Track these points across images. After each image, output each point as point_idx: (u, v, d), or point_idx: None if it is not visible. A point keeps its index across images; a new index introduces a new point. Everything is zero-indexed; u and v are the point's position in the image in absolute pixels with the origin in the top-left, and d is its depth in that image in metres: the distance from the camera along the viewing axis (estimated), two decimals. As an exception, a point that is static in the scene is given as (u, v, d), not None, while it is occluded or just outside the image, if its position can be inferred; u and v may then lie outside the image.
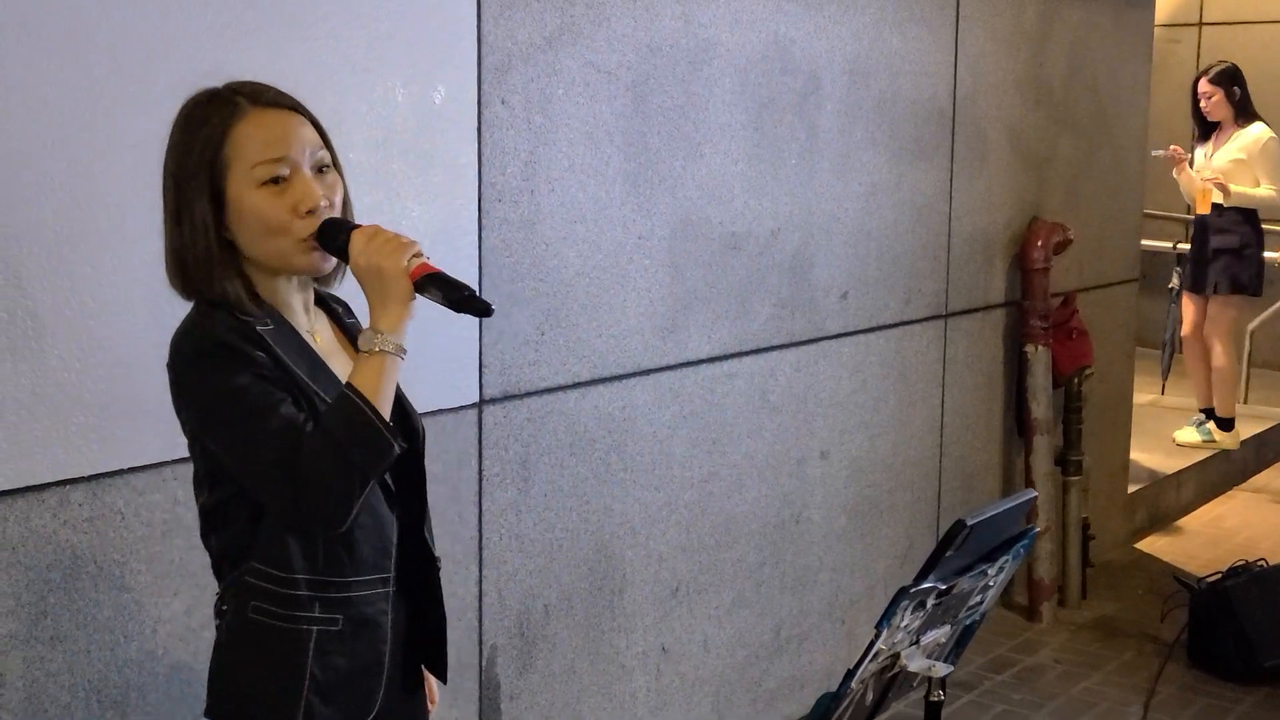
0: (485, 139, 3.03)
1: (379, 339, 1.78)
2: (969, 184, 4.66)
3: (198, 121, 1.84)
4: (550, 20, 3.14)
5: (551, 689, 3.35)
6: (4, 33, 2.21)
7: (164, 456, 2.47)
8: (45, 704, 2.36)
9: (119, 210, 2.37)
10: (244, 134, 1.82)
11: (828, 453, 4.16)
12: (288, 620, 1.85)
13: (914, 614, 2.04)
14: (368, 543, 1.88)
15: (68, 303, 2.32)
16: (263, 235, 1.83)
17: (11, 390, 2.27)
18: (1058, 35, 5.08)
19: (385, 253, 1.77)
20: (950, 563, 2.06)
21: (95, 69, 2.33)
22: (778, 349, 3.92)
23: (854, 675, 1.99)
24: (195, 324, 1.83)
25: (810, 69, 3.90)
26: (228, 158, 1.82)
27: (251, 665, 1.88)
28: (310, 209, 1.83)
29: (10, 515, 2.29)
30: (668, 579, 3.65)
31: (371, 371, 1.78)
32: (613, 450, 3.44)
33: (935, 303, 4.58)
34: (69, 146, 2.30)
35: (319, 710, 1.86)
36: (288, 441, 1.75)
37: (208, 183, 1.82)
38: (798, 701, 4.14)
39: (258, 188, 1.82)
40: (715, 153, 3.62)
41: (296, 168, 1.83)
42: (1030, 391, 4.94)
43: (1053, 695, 4.39)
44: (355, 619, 1.88)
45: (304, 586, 1.84)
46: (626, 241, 3.40)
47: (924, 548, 4.66)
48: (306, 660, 1.84)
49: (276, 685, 1.85)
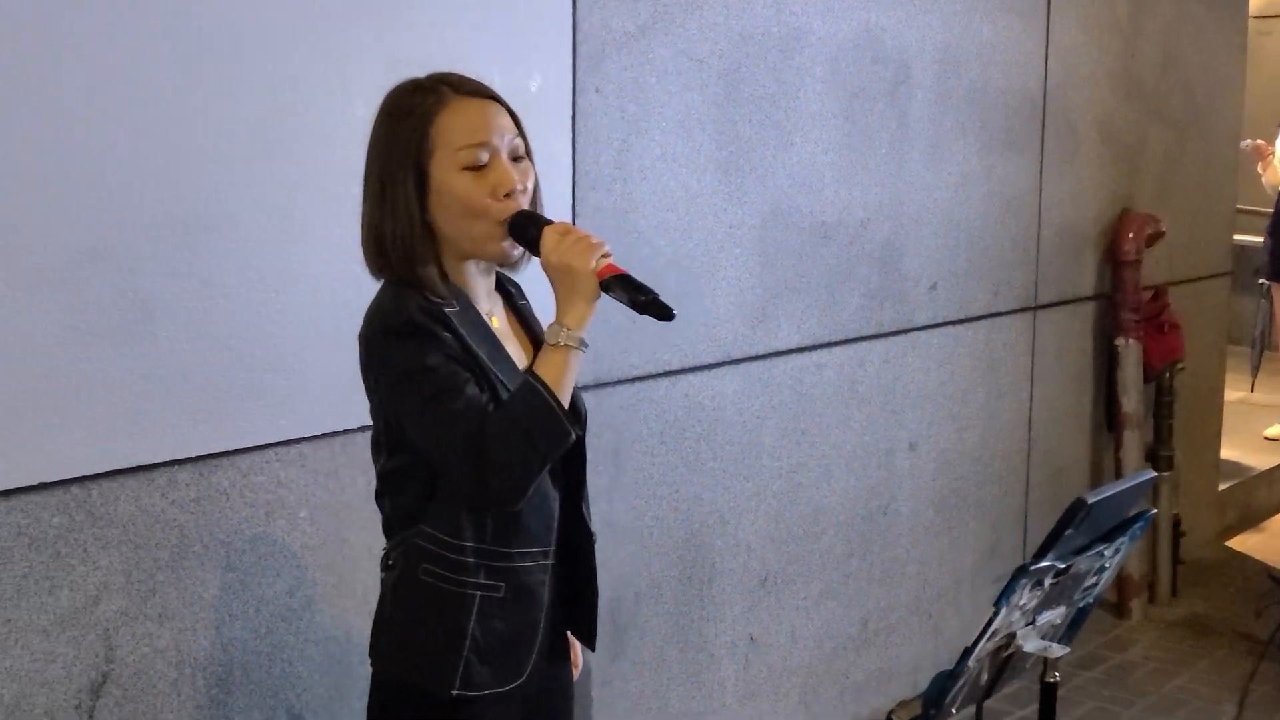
0: (579, 127, 3.04)
1: (565, 334, 1.86)
2: (1059, 175, 4.61)
3: (404, 110, 1.94)
4: (644, 9, 3.15)
5: (641, 676, 3.37)
6: (108, 27, 2.26)
7: (268, 438, 2.52)
8: (154, 680, 2.41)
9: (223, 196, 2.41)
10: (448, 121, 1.91)
11: (916, 444, 4.14)
12: (454, 584, 1.94)
13: (1031, 593, 2.03)
14: (533, 518, 1.98)
15: (176, 286, 2.37)
16: (462, 217, 1.92)
17: (122, 372, 2.32)
18: (1150, 27, 5.01)
19: (576, 252, 1.85)
20: (1068, 541, 2.04)
21: (197, 58, 2.37)
22: (866, 340, 3.91)
23: (971, 653, 1.98)
24: (389, 302, 1.92)
25: (901, 58, 3.88)
26: (433, 143, 1.91)
27: (417, 622, 1.97)
28: (508, 192, 1.92)
29: (121, 494, 2.34)
30: (756, 569, 3.65)
31: (555, 363, 1.86)
32: (702, 439, 3.45)
33: (1024, 295, 4.53)
34: (175, 134, 2.34)
35: (476, 669, 1.95)
36: (473, 422, 1.83)
37: (414, 166, 1.91)
38: (885, 695, 4.12)
39: (460, 171, 1.91)
40: (806, 142, 3.61)
41: (496, 153, 1.92)
42: (1121, 385, 4.88)
43: (1143, 693, 4.34)
44: (516, 587, 1.97)
45: (471, 554, 1.94)
46: (717, 230, 3.40)
47: (1011, 542, 4.62)
48: (469, 622, 1.94)
49: (439, 642, 1.95)
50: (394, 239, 1.92)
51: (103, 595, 2.33)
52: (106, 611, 2.33)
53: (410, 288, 1.91)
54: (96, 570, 2.32)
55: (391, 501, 2.00)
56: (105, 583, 2.33)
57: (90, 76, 2.23)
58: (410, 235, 1.91)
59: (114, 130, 2.27)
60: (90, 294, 2.26)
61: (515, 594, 1.97)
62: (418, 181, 1.91)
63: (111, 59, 2.25)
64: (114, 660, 2.35)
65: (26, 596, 2.24)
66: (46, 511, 2.25)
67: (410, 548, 1.97)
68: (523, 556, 1.97)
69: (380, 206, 1.93)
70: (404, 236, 1.91)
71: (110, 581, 2.33)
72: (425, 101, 1.92)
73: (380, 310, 1.92)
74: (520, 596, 1.98)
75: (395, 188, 1.91)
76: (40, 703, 2.27)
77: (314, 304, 2.56)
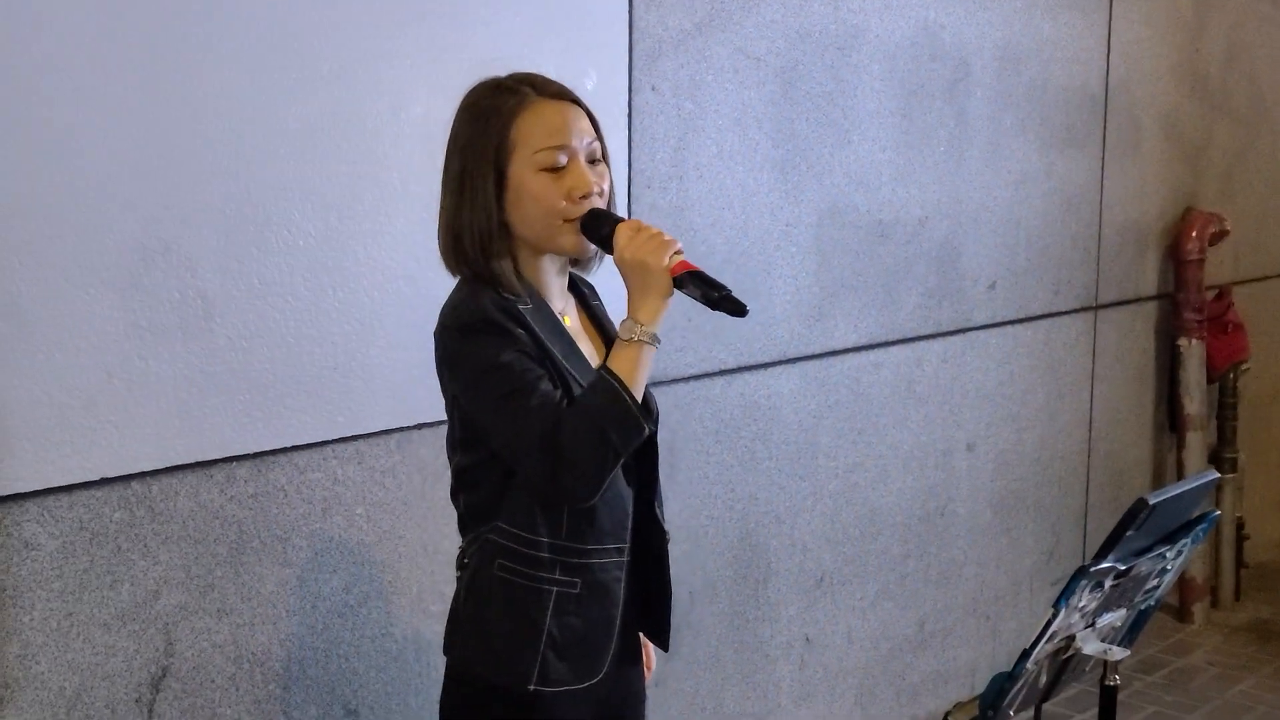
0: (635, 125, 3.04)
1: (638, 329, 1.88)
2: (1121, 173, 4.55)
3: (487, 109, 1.95)
4: (700, 7, 3.14)
5: (695, 675, 3.36)
6: (171, 28, 2.28)
7: (324, 436, 2.53)
8: (212, 674, 2.43)
9: (283, 195, 2.43)
10: (529, 121, 1.93)
11: (974, 445, 4.10)
12: (530, 579, 1.96)
13: (1091, 594, 2.00)
14: (607, 514, 1.99)
15: (235, 284, 2.39)
16: (538, 216, 1.94)
17: (183, 369, 2.34)
18: (1215, 21, 4.93)
19: (649, 249, 1.87)
20: (1130, 543, 2.01)
21: (258, 58, 2.39)
22: (924, 339, 3.88)
23: (1030, 655, 1.96)
24: (465, 299, 1.93)
25: (960, 55, 3.84)
26: (513, 142, 1.93)
27: (495, 618, 1.98)
28: (584, 194, 1.94)
29: (180, 490, 2.36)
30: (812, 569, 3.63)
31: (629, 359, 1.88)
32: (758, 438, 3.43)
33: (1085, 294, 4.48)
34: (235, 134, 2.36)
35: (554, 665, 1.96)
36: (549, 418, 1.85)
37: (494, 165, 1.93)
38: (941, 697, 4.09)
39: (538, 172, 1.93)
40: (863, 140, 3.59)
41: (574, 156, 1.95)
42: (1183, 386, 4.81)
43: (1206, 698, 4.27)
44: (592, 584, 1.99)
45: (546, 550, 1.95)
46: (774, 229, 3.39)
47: (1071, 545, 4.57)
48: (545, 618, 1.96)
49: (517, 638, 1.96)
50: (471, 235, 1.94)
51: (162, 590, 2.35)
52: (166, 606, 2.36)
53: (485, 285, 1.93)
54: (156, 565, 2.34)
55: (466, 498, 2.02)
56: (165, 578, 2.35)
57: (152, 77, 2.25)
58: (488, 232, 1.93)
59: (175, 130, 2.29)
60: (152, 292, 2.29)
61: (591, 591, 1.98)
62: (496, 180, 1.93)
63: (174, 59, 2.27)
64: (173, 654, 2.38)
65: (88, 590, 2.26)
66: (108, 507, 2.28)
67: (485, 544, 1.98)
68: (598, 553, 1.98)
69: (459, 203, 1.95)
70: (481, 233, 1.93)
71: (170, 576, 2.36)
72: (508, 102, 1.94)
73: (456, 307, 1.94)
74: (596, 593, 1.99)
75: (475, 185, 1.93)
76: (101, 695, 2.30)
77: (372, 302, 2.57)
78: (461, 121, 1.98)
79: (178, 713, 2.39)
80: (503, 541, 1.96)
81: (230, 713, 2.46)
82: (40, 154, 2.14)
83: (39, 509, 2.20)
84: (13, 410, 2.15)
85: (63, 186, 2.17)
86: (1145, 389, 4.86)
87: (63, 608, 2.24)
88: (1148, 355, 4.84)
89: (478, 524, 2.00)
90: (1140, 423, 4.85)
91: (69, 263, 2.18)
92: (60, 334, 2.19)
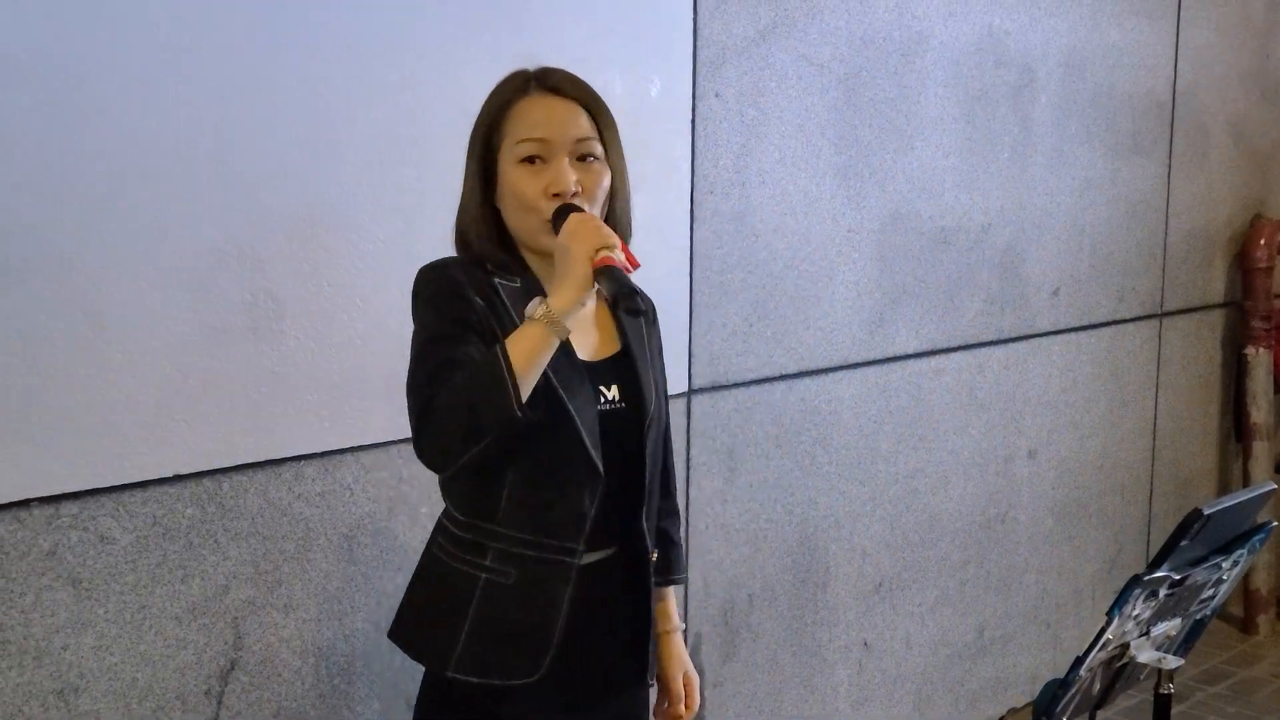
0: (698, 131, 3.07)
1: (542, 310, 1.79)
2: (1188, 180, 4.52)
3: (491, 96, 1.98)
4: (764, 14, 3.16)
5: (754, 679, 3.38)
6: (241, 35, 2.33)
7: (390, 435, 2.58)
8: (279, 668, 2.48)
9: (352, 197, 2.48)
10: (518, 113, 1.93)
11: (1035, 452, 4.09)
12: (462, 562, 1.94)
13: (1145, 603, 2.00)
14: (562, 510, 1.90)
15: (305, 286, 2.44)
16: (516, 209, 1.94)
17: (253, 368, 2.39)
18: (1285, 26, 4.88)
19: (579, 236, 1.79)
20: (1184, 552, 2.01)
21: (327, 64, 2.43)
22: (986, 345, 3.87)
23: (1083, 663, 1.96)
24: (441, 260, 1.96)
25: (1025, 61, 3.83)
26: (502, 132, 1.94)
27: (423, 597, 1.99)
28: (558, 192, 1.89)
29: (250, 487, 2.42)
30: (871, 574, 3.64)
31: (527, 339, 1.79)
32: (818, 443, 3.44)
33: (1150, 301, 4.45)
34: (304, 138, 2.41)
35: (474, 654, 1.91)
36: (438, 376, 1.81)
37: (482, 151, 1.95)
38: (1001, 704, 4.08)
39: (517, 164, 1.92)
40: (926, 146, 3.59)
41: (556, 152, 1.91)
42: (1250, 395, 4.76)
43: (1271, 710, 4.23)
44: (530, 579, 1.90)
45: (477, 533, 1.92)
46: (836, 235, 3.40)
47: (1134, 553, 4.54)
48: (471, 605, 1.91)
49: (439, 620, 1.93)
50: (464, 220, 1.97)
51: (232, 585, 2.41)
52: (235, 600, 2.41)
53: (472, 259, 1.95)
54: (226, 560, 2.39)
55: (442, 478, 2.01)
56: (234, 573, 2.41)
57: (223, 83, 2.31)
58: (475, 218, 1.95)
59: (246, 134, 2.34)
60: (223, 294, 2.34)
61: (529, 586, 1.89)
62: (484, 166, 1.95)
63: (248, 67, 2.33)
64: (242, 648, 2.43)
65: (161, 584, 2.32)
66: (180, 503, 2.33)
67: (438, 524, 2.01)
68: (537, 546, 1.90)
69: (463, 196, 1.99)
70: (471, 218, 1.96)
71: (239, 572, 2.41)
72: (506, 91, 1.96)
73: (428, 264, 1.95)
74: (533, 590, 1.90)
75: (468, 171, 1.97)
76: (172, 687, 2.35)
77: (437, 305, 2.61)
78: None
79: (245, 705, 2.45)
80: (444, 521, 1.98)
81: (296, 706, 2.51)
82: (118, 161, 2.20)
83: (114, 504, 2.26)
84: (91, 408, 2.21)
85: (140, 192, 2.23)
86: (1211, 397, 4.81)
87: (136, 601, 2.30)
88: (1213, 363, 4.80)
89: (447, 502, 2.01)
90: (1205, 432, 4.81)
91: (145, 265, 2.24)
92: (136, 334, 2.25)
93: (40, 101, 2.11)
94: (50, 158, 2.13)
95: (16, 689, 2.18)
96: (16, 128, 2.09)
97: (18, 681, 2.17)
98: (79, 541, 2.22)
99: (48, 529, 2.19)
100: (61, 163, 2.14)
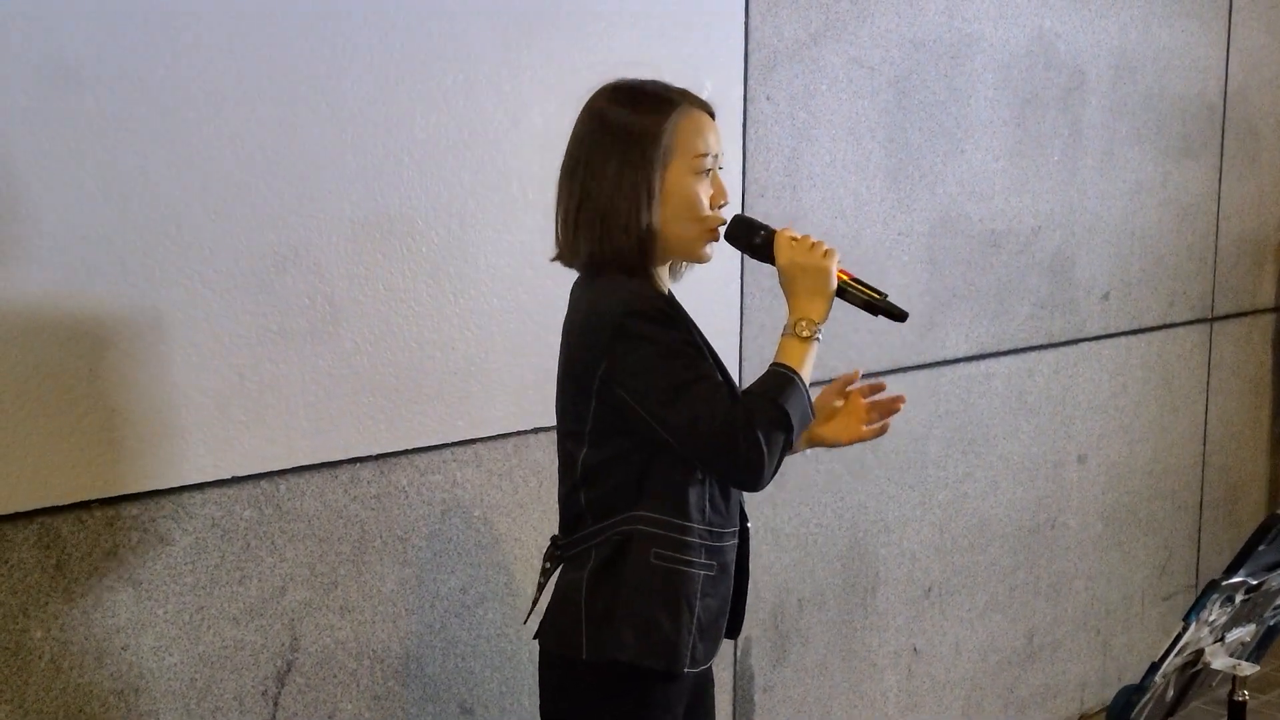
0: (750, 134, 3.06)
1: (811, 327, 2.00)
2: (1239, 183, 4.48)
3: (640, 110, 2.02)
4: (815, 17, 3.16)
5: (804, 683, 3.37)
6: (302, 42, 2.35)
7: (444, 439, 2.59)
8: (334, 669, 2.49)
9: (408, 203, 2.49)
10: (689, 128, 2.03)
11: (1085, 457, 4.06)
12: (686, 564, 2.04)
13: (1222, 609, 1.98)
14: (733, 498, 2.11)
15: (362, 290, 2.45)
16: (687, 218, 2.04)
17: (311, 371, 2.40)
18: (1337, 27, 4.83)
19: (818, 254, 2.01)
20: (1260, 558, 1.99)
21: (387, 73, 2.45)
22: (1036, 349, 3.85)
23: (1158, 669, 1.94)
24: (629, 289, 1.99)
25: (1075, 64, 3.81)
26: (674, 146, 2.02)
27: (654, 605, 2.02)
28: (724, 203, 2.08)
29: (307, 489, 2.43)
30: (920, 579, 3.62)
31: (801, 353, 2.01)
32: (867, 447, 3.43)
33: (1200, 306, 4.42)
34: (361, 143, 2.42)
35: (698, 645, 2.05)
36: (733, 405, 1.94)
37: (646, 167, 2.00)
38: (1050, 711, 4.05)
39: (694, 175, 2.03)
40: (976, 149, 3.57)
41: (716, 165, 2.08)
42: (1302, 400, 4.71)
43: (1325, 718, 4.18)
44: (723, 565, 2.09)
45: (696, 535, 2.04)
46: (886, 237, 3.39)
47: (1184, 560, 4.50)
48: (696, 601, 2.04)
49: (675, 623, 2.02)
50: (629, 232, 2.00)
51: (288, 586, 2.42)
52: (292, 602, 2.42)
53: (637, 279, 2.01)
54: (283, 562, 2.41)
55: (591, 492, 2.05)
56: (291, 574, 2.42)
57: (286, 89, 2.32)
58: (635, 229, 2.00)
59: (304, 139, 2.36)
60: (281, 297, 2.35)
61: (722, 572, 2.08)
62: (648, 181, 2.00)
63: (307, 72, 2.34)
64: (298, 649, 2.44)
65: (219, 585, 2.34)
66: (238, 505, 2.35)
67: (620, 535, 2.02)
68: (728, 535, 2.09)
69: (615, 202, 2.00)
70: (629, 230, 2.00)
71: (295, 573, 2.42)
72: (666, 107, 2.03)
73: (621, 296, 1.97)
74: (724, 575, 2.09)
75: (636, 182, 1.99)
76: (230, 687, 2.37)
77: (492, 309, 2.62)
78: (601, 123, 2.03)
79: (301, 706, 2.46)
80: (653, 530, 2.01)
81: (351, 708, 2.52)
82: (179, 165, 2.22)
83: (174, 505, 2.27)
84: (151, 410, 2.23)
85: (200, 196, 2.24)
86: (1262, 403, 4.77)
87: (194, 602, 2.31)
88: (1264, 368, 4.75)
89: (603, 518, 2.04)
90: (1256, 437, 4.76)
91: (205, 268, 2.26)
92: (196, 337, 2.26)
93: (105, 109, 2.13)
94: (115, 165, 2.15)
95: (78, 689, 2.19)
96: (83, 136, 2.11)
97: (79, 682, 2.19)
98: (139, 542, 2.24)
99: (108, 530, 2.21)
100: (125, 170, 2.16)
